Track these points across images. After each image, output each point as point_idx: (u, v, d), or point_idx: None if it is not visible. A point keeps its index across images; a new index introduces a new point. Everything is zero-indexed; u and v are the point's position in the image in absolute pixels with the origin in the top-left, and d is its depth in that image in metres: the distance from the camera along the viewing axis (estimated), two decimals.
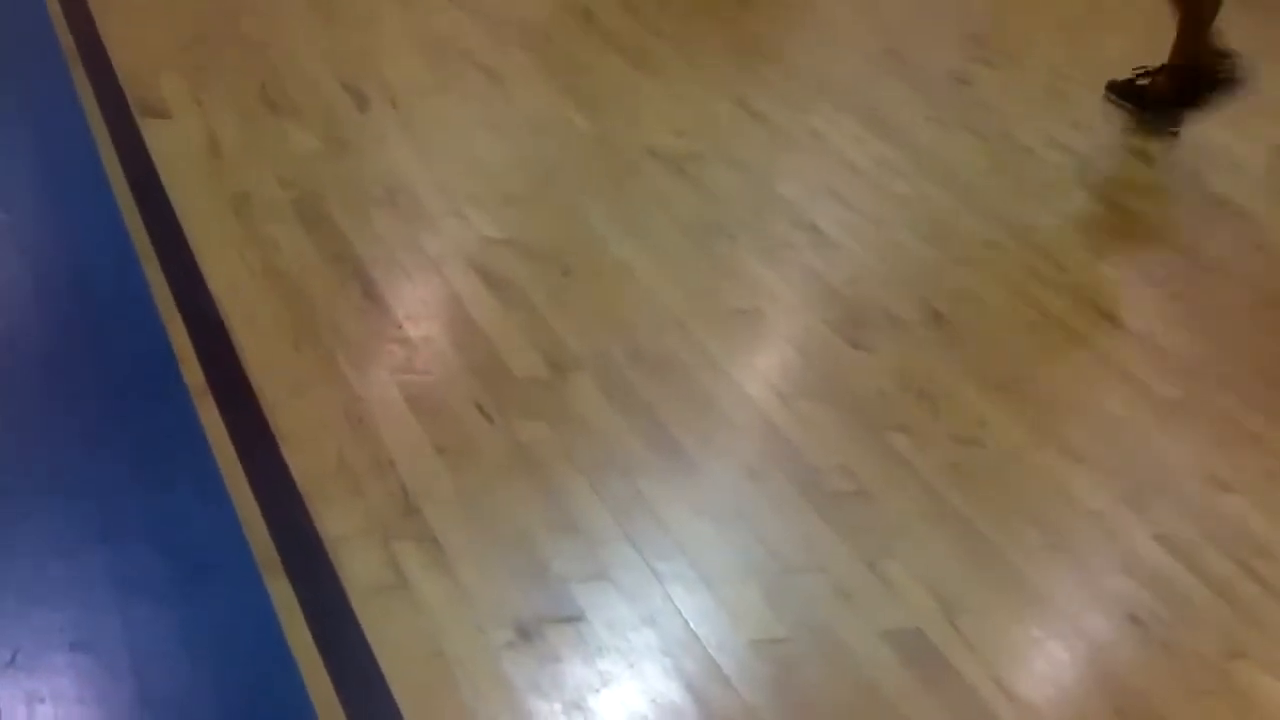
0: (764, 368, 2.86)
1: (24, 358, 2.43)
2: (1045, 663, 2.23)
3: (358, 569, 2.07)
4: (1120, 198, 4.11)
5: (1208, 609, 2.40)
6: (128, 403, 2.33)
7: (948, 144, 4.09)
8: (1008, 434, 2.78)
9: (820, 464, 2.54)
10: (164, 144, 3.12)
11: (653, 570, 2.20)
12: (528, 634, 2.02)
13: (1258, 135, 4.63)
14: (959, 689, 2.11)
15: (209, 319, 2.57)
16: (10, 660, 1.81)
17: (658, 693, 1.98)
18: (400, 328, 2.68)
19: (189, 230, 2.82)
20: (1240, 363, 3.20)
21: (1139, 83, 4.44)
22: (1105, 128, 4.41)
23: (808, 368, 2.90)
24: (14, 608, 1.90)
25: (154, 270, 2.67)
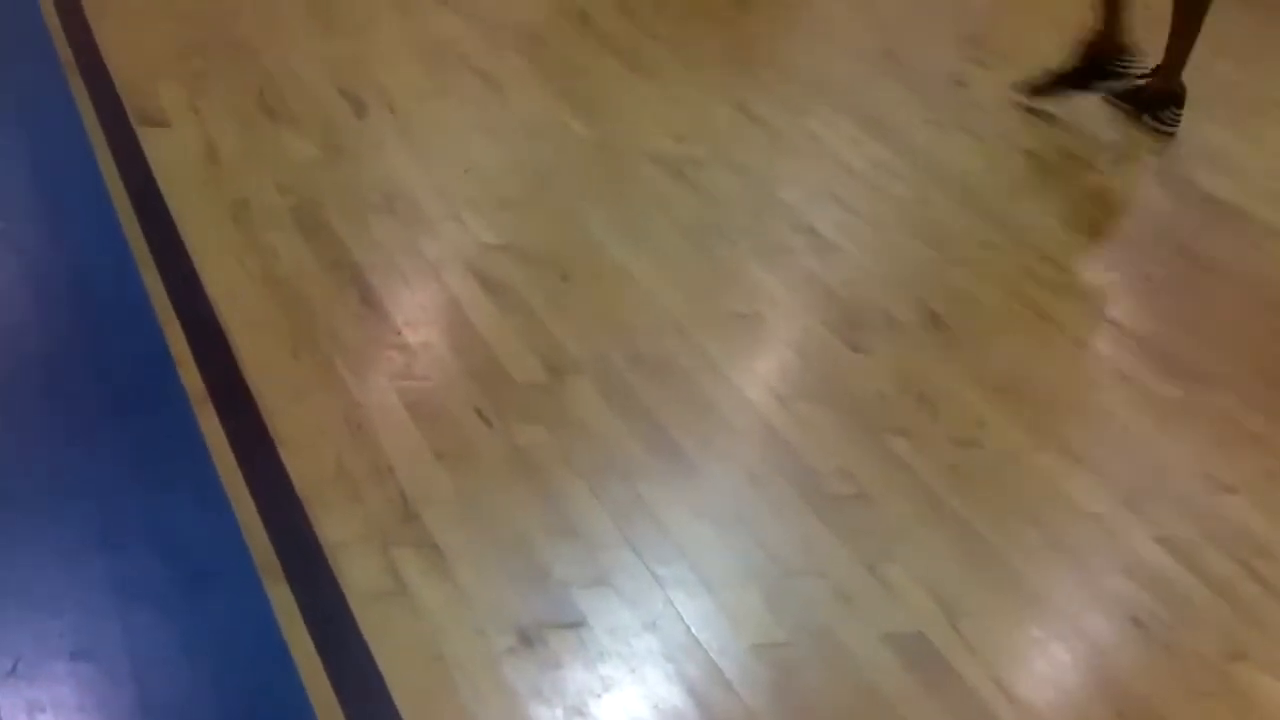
0: (763, 371, 2.87)
1: (24, 364, 2.43)
2: (1046, 664, 2.23)
3: (357, 574, 2.07)
4: (1118, 198, 4.11)
5: (1208, 610, 2.40)
6: (127, 409, 2.33)
7: (945, 145, 4.09)
8: (1007, 436, 2.78)
9: (820, 467, 2.54)
10: (162, 152, 3.12)
11: (653, 575, 2.20)
12: (528, 639, 2.02)
13: (1257, 135, 4.63)
14: (960, 691, 2.11)
15: (208, 325, 2.57)
16: (11, 669, 1.81)
17: (659, 698, 1.98)
18: (399, 333, 2.68)
19: (187, 237, 2.82)
20: (1240, 363, 3.20)
21: (1136, 83, 4.44)
22: (1103, 129, 4.41)
23: (807, 370, 2.90)
24: (15, 615, 1.90)
25: (153, 277, 2.68)
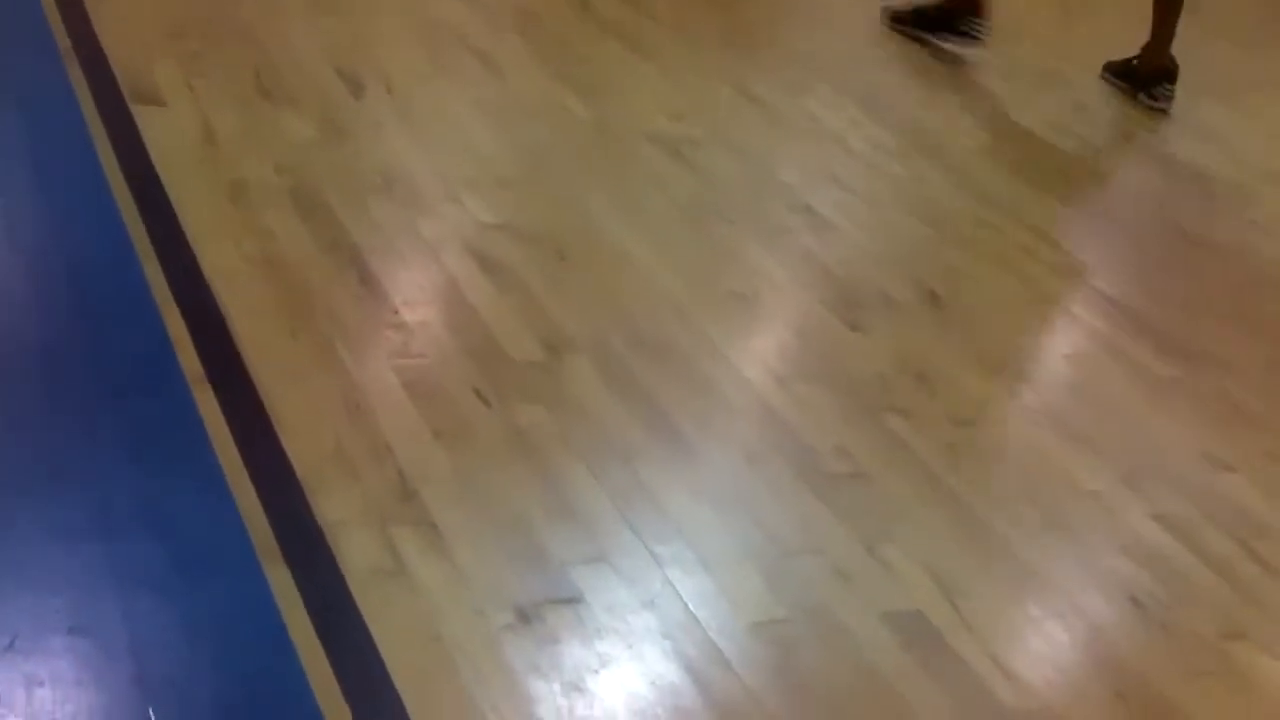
0: (761, 351, 2.86)
1: (20, 346, 2.43)
2: (1044, 643, 2.23)
3: (356, 554, 2.07)
4: (1116, 177, 4.11)
5: (1207, 589, 2.40)
6: (125, 391, 2.33)
7: (944, 125, 4.08)
8: (1005, 414, 2.79)
9: (818, 446, 2.54)
10: (159, 132, 3.12)
11: (651, 553, 2.20)
12: (526, 617, 2.02)
13: (1255, 112, 4.63)
14: (958, 670, 2.11)
15: (206, 307, 2.56)
16: (9, 644, 1.81)
17: (657, 675, 1.99)
18: (397, 313, 2.68)
19: (185, 219, 2.82)
20: (1237, 341, 3.20)
21: (1133, 62, 4.44)
22: (1101, 108, 4.41)
23: (805, 350, 2.90)
24: (12, 592, 1.90)
25: (150, 259, 2.67)
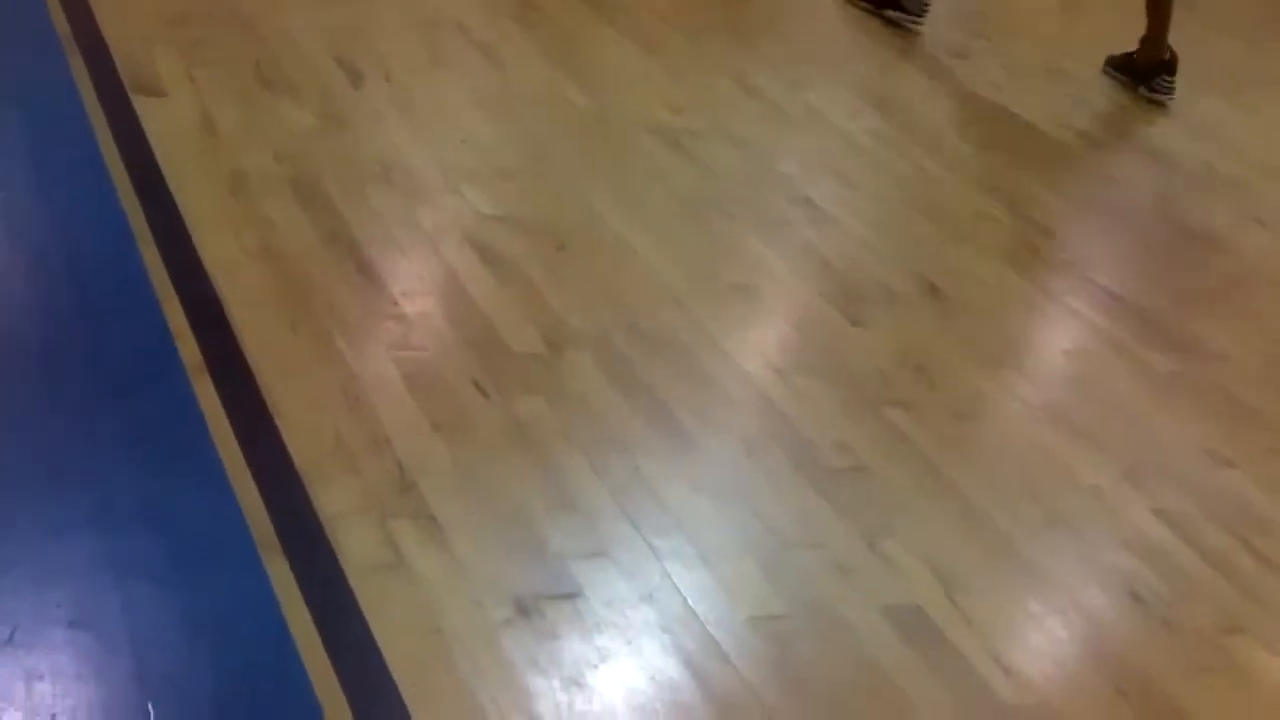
0: (761, 343, 2.86)
1: (20, 337, 2.43)
2: (1044, 638, 2.23)
3: (355, 547, 2.06)
4: (1117, 172, 4.10)
5: (1206, 584, 2.40)
6: (125, 382, 2.33)
7: (944, 119, 4.08)
8: (1005, 408, 2.78)
9: (818, 440, 2.54)
10: (159, 122, 3.11)
11: (651, 547, 2.19)
12: (526, 610, 2.02)
13: (1255, 107, 4.62)
14: (958, 665, 2.11)
15: (206, 298, 2.56)
16: (9, 638, 1.80)
17: (656, 669, 1.98)
18: (396, 304, 2.67)
19: (185, 209, 2.81)
20: (1238, 337, 3.20)
21: (1133, 56, 4.44)
22: (1102, 101, 4.40)
23: (805, 343, 2.90)
24: (11, 586, 1.89)
25: (150, 249, 2.67)
